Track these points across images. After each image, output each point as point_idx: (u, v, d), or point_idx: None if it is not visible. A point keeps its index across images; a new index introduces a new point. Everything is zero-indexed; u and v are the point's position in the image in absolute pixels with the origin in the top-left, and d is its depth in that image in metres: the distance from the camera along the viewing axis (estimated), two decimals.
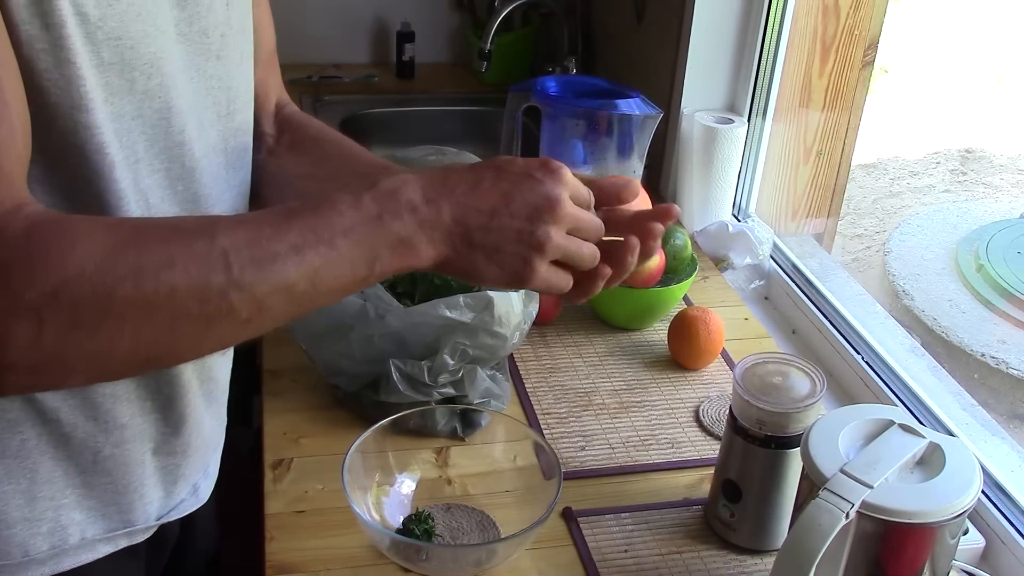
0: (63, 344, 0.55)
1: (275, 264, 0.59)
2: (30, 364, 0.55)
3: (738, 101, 1.63)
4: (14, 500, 0.73)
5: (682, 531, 1.01)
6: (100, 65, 0.63)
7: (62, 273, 0.54)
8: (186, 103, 0.72)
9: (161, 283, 0.56)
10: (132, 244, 0.57)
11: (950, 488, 0.77)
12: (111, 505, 0.79)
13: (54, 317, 0.54)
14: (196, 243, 0.58)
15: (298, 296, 0.61)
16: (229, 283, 0.57)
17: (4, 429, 0.71)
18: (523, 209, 0.65)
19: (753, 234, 1.51)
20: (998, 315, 2.68)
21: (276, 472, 1.05)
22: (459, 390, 1.11)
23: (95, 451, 0.76)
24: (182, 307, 0.57)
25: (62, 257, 0.54)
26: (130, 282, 0.55)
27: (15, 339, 0.54)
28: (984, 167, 4.28)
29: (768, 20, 1.54)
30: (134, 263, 0.56)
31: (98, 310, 0.55)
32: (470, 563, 0.94)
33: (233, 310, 0.58)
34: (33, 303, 0.53)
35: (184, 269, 0.56)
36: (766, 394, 0.93)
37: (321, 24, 2.31)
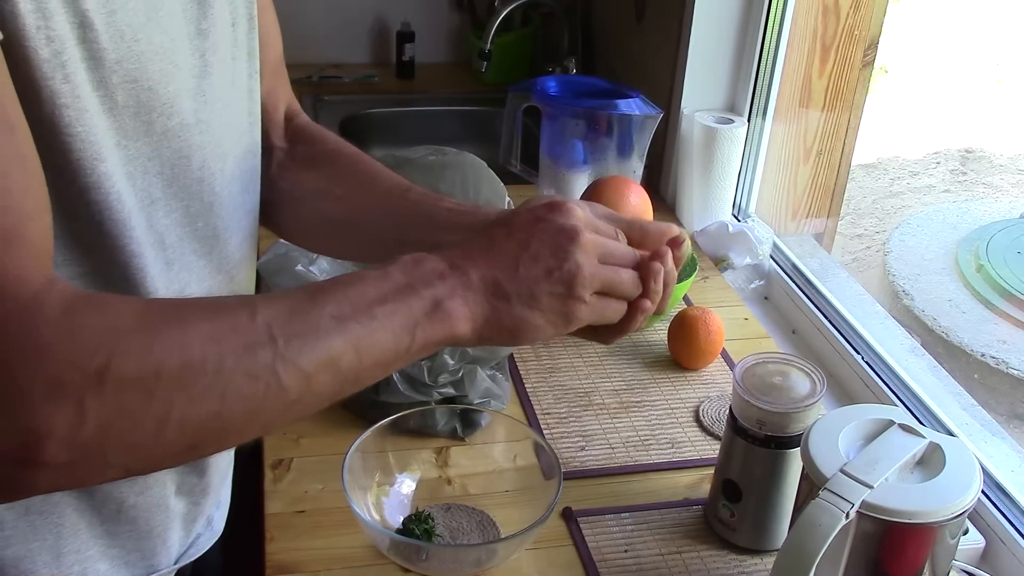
0: (106, 434, 0.50)
1: (319, 336, 0.57)
2: (67, 460, 0.50)
3: (738, 101, 1.63)
4: (41, 557, 0.71)
5: (682, 531, 1.01)
6: (113, 109, 0.61)
7: (107, 351, 0.50)
8: (207, 139, 0.70)
9: (208, 358, 0.53)
10: (174, 320, 0.54)
11: (950, 488, 0.77)
12: (134, 552, 0.78)
13: (98, 403, 0.49)
14: (238, 318, 0.55)
15: (344, 370, 0.58)
16: (276, 357, 0.55)
17: None
18: (544, 248, 0.64)
19: (753, 234, 1.51)
20: (998, 315, 2.68)
21: (276, 472, 1.05)
22: (459, 390, 1.11)
23: (119, 501, 0.74)
24: (231, 385, 0.53)
25: (106, 334, 0.51)
26: (176, 358, 0.52)
27: (55, 430, 0.49)
28: (984, 167, 4.28)
29: (768, 20, 1.54)
30: (178, 339, 0.52)
31: (144, 392, 0.51)
32: (470, 563, 0.94)
33: (282, 387, 0.55)
34: (76, 388, 0.49)
35: (230, 344, 0.54)
36: (766, 394, 0.93)
37: (321, 24, 2.31)
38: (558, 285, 0.64)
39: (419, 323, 0.61)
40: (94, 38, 0.58)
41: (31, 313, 0.50)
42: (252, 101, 0.79)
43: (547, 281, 0.64)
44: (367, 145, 2.14)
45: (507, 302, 0.64)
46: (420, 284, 0.61)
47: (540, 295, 0.64)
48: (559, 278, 0.64)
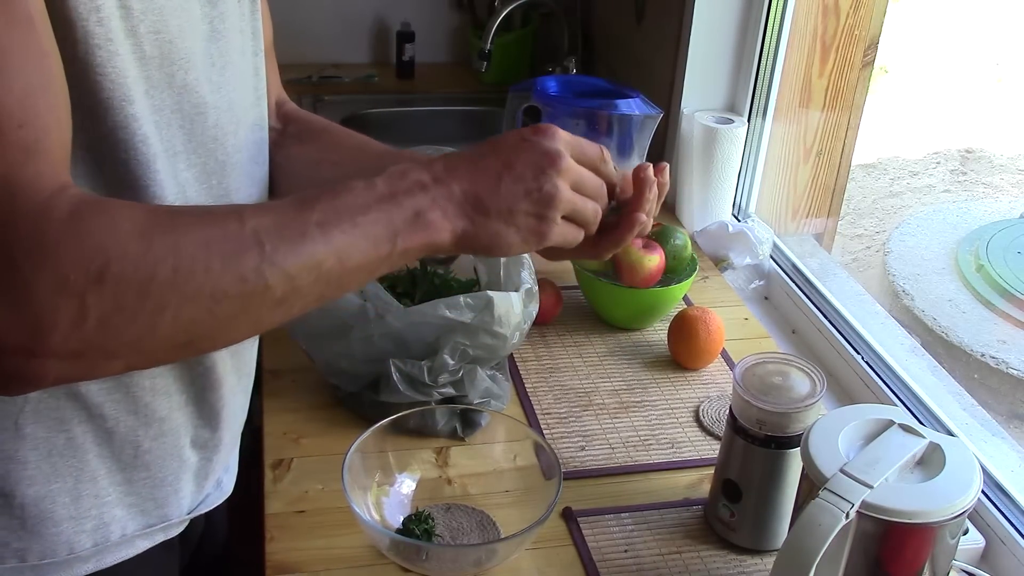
0: (105, 328, 0.55)
1: (304, 242, 0.61)
2: (72, 350, 0.55)
3: (738, 101, 1.63)
4: (60, 498, 0.74)
5: (682, 531, 1.01)
6: (142, 59, 0.65)
7: (106, 254, 0.55)
8: (219, 99, 0.74)
9: (198, 262, 0.58)
10: (169, 226, 0.58)
11: (950, 488, 0.77)
12: (149, 500, 0.80)
13: (98, 300, 0.55)
14: (228, 224, 0.60)
15: (326, 274, 0.63)
16: (263, 260, 0.59)
17: (51, 428, 0.71)
18: (527, 169, 0.68)
19: (753, 234, 1.51)
20: (998, 315, 2.68)
21: (276, 472, 1.05)
22: (459, 390, 1.11)
23: (136, 445, 0.76)
24: (220, 286, 0.58)
25: (106, 238, 0.55)
26: (170, 262, 0.57)
27: (60, 323, 0.54)
28: (984, 167, 4.28)
29: (768, 20, 1.54)
30: (172, 244, 0.57)
31: (140, 292, 0.56)
32: (470, 563, 0.94)
33: (268, 288, 0.60)
34: (79, 285, 0.54)
35: (220, 249, 0.58)
36: (766, 394, 0.93)
37: (321, 24, 2.31)
38: (536, 206, 0.68)
39: (399, 232, 0.65)
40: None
41: (42, 216, 0.55)
42: (257, 78, 0.82)
43: (526, 201, 0.68)
44: None
45: (485, 217, 0.68)
46: (403, 195, 0.65)
47: (517, 213, 0.68)
48: (537, 199, 0.68)
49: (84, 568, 0.77)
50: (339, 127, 0.95)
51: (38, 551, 0.74)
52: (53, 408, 0.71)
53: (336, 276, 0.63)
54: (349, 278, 0.65)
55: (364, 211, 0.64)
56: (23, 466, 0.71)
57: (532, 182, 0.68)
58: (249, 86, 0.81)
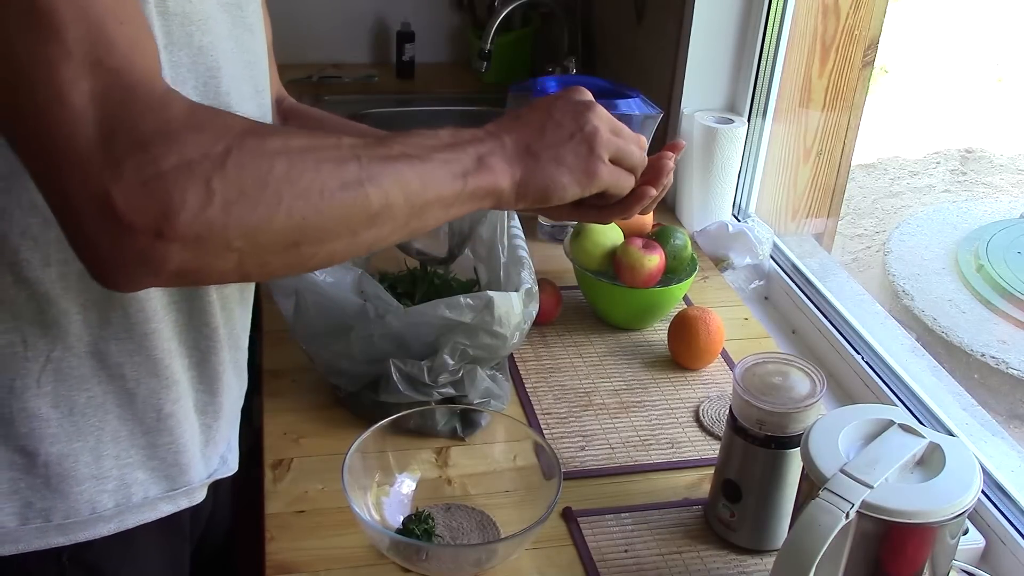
0: (228, 213, 0.58)
1: (393, 163, 0.66)
2: (196, 234, 0.57)
3: (738, 101, 1.63)
4: (83, 457, 0.75)
5: (682, 531, 1.01)
6: (165, 13, 0.67)
7: (228, 143, 0.58)
8: (231, 67, 0.75)
9: (307, 164, 0.62)
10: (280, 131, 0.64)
11: (950, 488, 0.77)
12: (174, 466, 0.82)
13: (222, 185, 0.57)
14: (328, 139, 0.65)
15: (412, 197, 0.67)
16: (362, 171, 0.64)
17: (72, 386, 0.73)
18: (566, 116, 0.76)
19: (753, 234, 1.51)
20: (998, 315, 2.68)
21: (276, 472, 1.05)
22: (459, 390, 1.11)
23: (158, 408, 0.78)
24: (327, 190, 0.62)
25: (225, 131, 0.59)
26: (283, 158, 0.61)
27: (188, 203, 0.56)
28: (984, 167, 4.28)
29: (768, 20, 1.54)
30: (283, 144, 0.62)
31: (258, 181, 0.59)
32: (470, 563, 0.94)
33: (367, 199, 0.64)
34: (205, 170, 0.57)
35: (325, 156, 0.63)
36: (766, 394, 0.93)
37: (321, 24, 2.31)
38: (581, 144, 0.76)
39: (469, 172, 0.71)
40: None
41: (164, 107, 0.58)
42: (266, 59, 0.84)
43: (571, 142, 0.75)
44: None
45: (537, 160, 0.74)
46: (465, 143, 0.72)
47: (565, 154, 0.75)
48: (581, 138, 0.76)
49: (107, 528, 0.78)
50: (337, 117, 0.99)
51: (62, 510, 0.75)
52: (74, 367, 0.73)
53: (420, 202, 0.68)
54: (430, 209, 0.69)
55: (437, 150, 0.69)
56: (46, 423, 0.73)
57: (573, 124, 0.76)
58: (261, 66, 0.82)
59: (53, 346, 0.71)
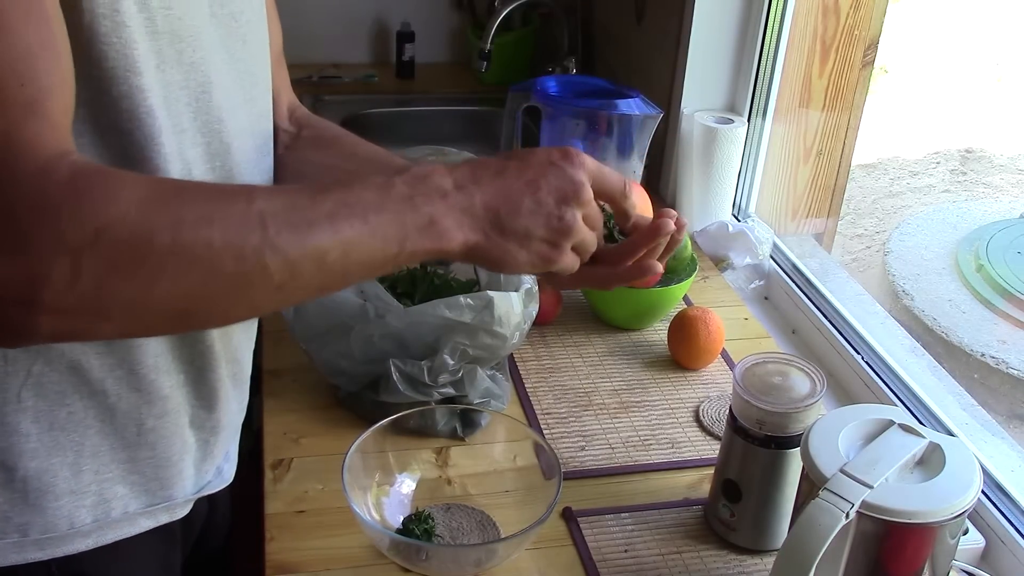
0: (99, 287, 0.56)
1: (310, 230, 0.60)
2: (66, 306, 0.56)
3: (738, 101, 1.63)
4: (62, 472, 0.74)
5: (682, 531, 1.01)
6: (154, 32, 0.66)
7: (105, 216, 0.55)
8: (222, 79, 0.74)
9: (199, 236, 0.57)
10: (174, 197, 0.59)
11: (950, 488, 0.77)
12: (153, 480, 0.81)
13: (93, 258, 0.55)
14: (235, 203, 0.59)
15: (329, 265, 0.62)
16: (265, 243, 0.59)
17: (52, 401, 0.72)
18: (551, 195, 0.67)
19: (753, 234, 1.51)
20: (998, 315, 2.68)
21: (276, 472, 1.05)
22: (459, 390, 1.11)
23: (139, 423, 0.77)
24: (218, 262, 0.58)
25: (105, 201, 0.56)
26: (169, 231, 0.57)
27: (53, 279, 0.55)
28: (984, 167, 4.28)
29: (768, 20, 1.54)
30: (175, 214, 0.57)
31: (136, 255, 0.56)
32: (470, 563, 0.94)
33: (267, 272, 0.59)
34: (75, 244, 0.55)
35: (222, 225, 0.58)
36: (766, 394, 0.93)
37: (321, 24, 2.31)
38: (552, 234, 0.68)
39: (410, 235, 0.64)
40: None
41: (43, 176, 0.55)
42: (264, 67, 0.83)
43: (544, 228, 0.68)
44: None
45: (500, 235, 0.67)
46: (421, 199, 0.64)
47: (533, 237, 0.68)
48: (556, 228, 0.68)
49: (84, 543, 0.77)
50: (353, 136, 0.95)
51: (39, 525, 0.75)
52: (55, 382, 0.72)
53: (339, 269, 0.63)
54: (352, 272, 0.64)
55: (378, 209, 0.63)
56: (25, 439, 0.72)
57: (554, 209, 0.67)
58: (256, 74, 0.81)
59: (34, 360, 0.71)
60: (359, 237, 0.62)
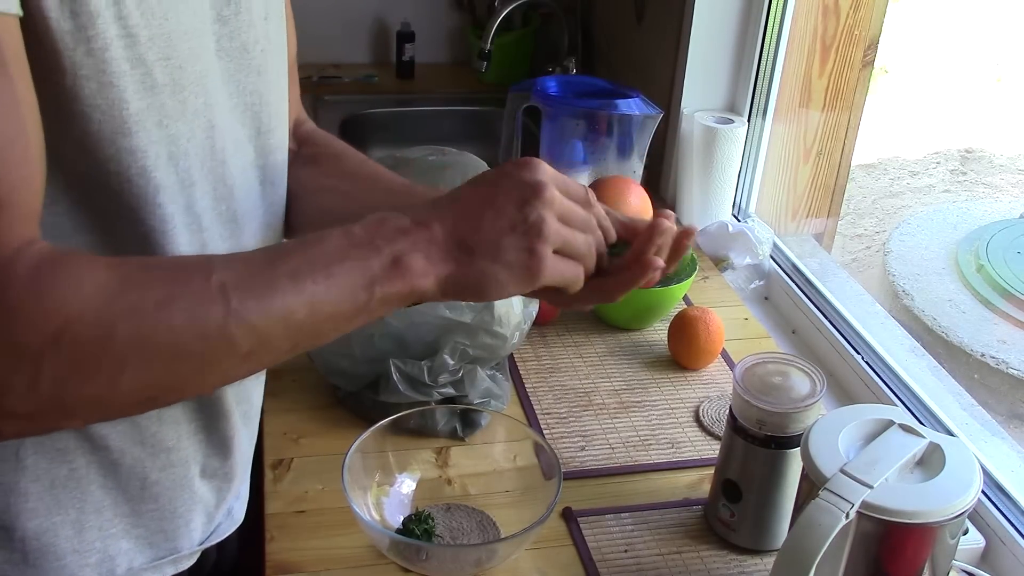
0: (62, 390, 0.54)
1: (273, 294, 0.58)
2: (28, 411, 0.54)
3: (738, 101, 1.63)
4: (63, 531, 0.72)
5: (682, 531, 1.01)
6: (153, 88, 0.62)
7: (64, 315, 0.53)
8: (224, 120, 0.72)
9: (160, 321, 0.55)
10: (132, 284, 0.56)
11: (950, 488, 0.77)
12: (158, 533, 0.78)
13: (53, 363, 0.53)
14: (193, 279, 0.57)
15: (297, 325, 0.60)
16: (228, 316, 0.57)
17: (53, 460, 0.70)
18: (509, 202, 0.64)
19: (753, 234, 1.51)
20: (998, 315, 2.68)
21: (276, 472, 1.05)
22: (459, 390, 1.11)
23: (143, 477, 0.75)
24: (182, 345, 0.56)
25: (64, 298, 0.53)
26: (129, 322, 0.55)
27: (13, 386, 0.53)
28: (984, 167, 4.28)
29: (768, 20, 1.54)
30: (134, 302, 0.55)
31: (97, 354, 0.54)
32: (470, 563, 0.94)
33: (233, 344, 0.58)
34: (34, 349, 0.53)
35: (182, 305, 0.56)
36: (766, 394, 0.93)
37: (321, 24, 2.31)
38: (521, 237, 0.63)
39: (377, 280, 0.61)
40: (127, 15, 0.59)
41: (3, 275, 0.53)
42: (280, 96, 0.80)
43: (511, 235, 0.63)
44: (367, 145, 2.14)
45: (470, 256, 0.63)
46: (381, 240, 0.62)
47: (505, 248, 0.63)
48: (523, 231, 0.63)
49: None
50: (355, 153, 0.91)
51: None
52: (56, 439, 0.70)
53: (309, 327, 0.60)
54: (323, 329, 0.62)
55: (340, 259, 0.61)
56: (24, 498, 0.70)
57: (516, 213, 0.63)
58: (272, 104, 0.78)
59: None
60: (324, 291, 0.60)
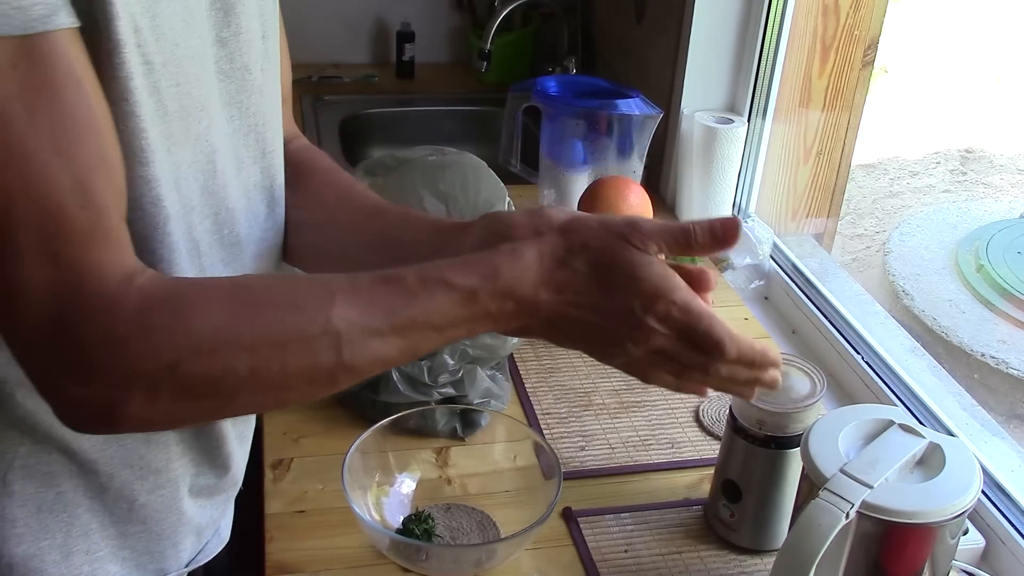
0: (175, 409, 0.58)
1: (382, 344, 0.60)
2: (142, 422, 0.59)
3: (738, 101, 1.63)
4: (50, 556, 0.72)
5: (682, 531, 1.01)
6: (165, 115, 0.62)
7: (177, 352, 0.56)
8: (226, 143, 0.71)
9: (273, 365, 0.58)
10: (247, 320, 0.58)
11: (950, 488, 0.77)
12: (145, 554, 0.78)
13: (169, 389, 0.56)
14: (311, 325, 0.58)
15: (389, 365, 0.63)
16: (338, 365, 0.59)
17: (40, 484, 0.70)
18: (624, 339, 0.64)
19: (753, 234, 1.51)
20: (998, 315, 2.68)
21: (276, 472, 1.05)
22: (459, 390, 1.11)
23: (131, 500, 0.75)
24: (290, 383, 0.59)
25: (177, 336, 0.56)
26: (242, 361, 0.57)
27: (132, 404, 0.56)
28: (984, 167, 4.28)
29: (768, 20, 1.54)
30: (248, 343, 0.57)
31: (211, 386, 0.57)
32: (470, 563, 0.94)
33: (336, 384, 0.61)
34: (150, 376, 0.55)
35: (296, 351, 0.58)
36: (766, 394, 0.93)
37: (321, 24, 2.31)
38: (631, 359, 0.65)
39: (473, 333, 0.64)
40: (145, 42, 0.59)
41: (110, 309, 0.55)
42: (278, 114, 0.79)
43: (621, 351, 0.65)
44: (367, 145, 2.14)
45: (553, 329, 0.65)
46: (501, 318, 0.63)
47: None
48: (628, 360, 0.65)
49: None
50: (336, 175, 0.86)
51: None
52: (44, 463, 0.70)
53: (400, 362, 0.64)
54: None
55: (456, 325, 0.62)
56: (11, 524, 0.70)
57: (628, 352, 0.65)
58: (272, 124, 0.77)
59: (20, 443, 0.68)
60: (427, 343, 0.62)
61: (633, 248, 0.63)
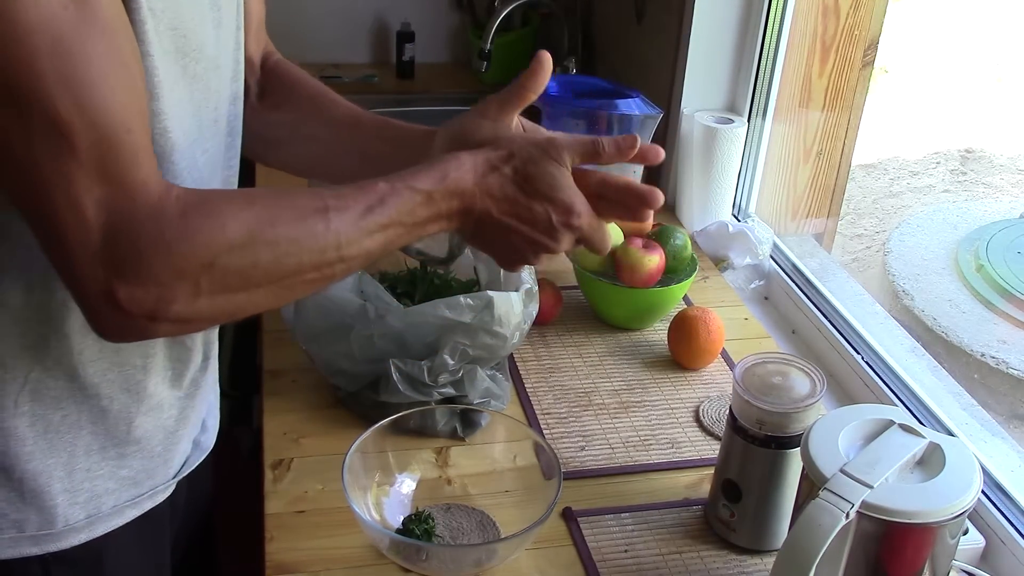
0: (213, 303, 0.66)
1: (370, 240, 0.72)
2: (184, 318, 0.66)
3: (738, 101, 1.63)
4: (56, 473, 0.78)
5: (682, 531, 1.01)
6: (164, 54, 0.69)
7: (216, 248, 0.65)
8: (218, 83, 0.78)
9: (291, 256, 0.68)
10: (268, 223, 0.68)
11: (950, 488, 0.77)
12: (141, 472, 0.84)
13: (209, 283, 0.65)
14: (316, 226, 0.69)
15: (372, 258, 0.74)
16: (339, 258, 0.71)
17: (48, 406, 0.76)
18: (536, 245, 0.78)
19: (753, 234, 1.51)
20: (998, 315, 2.68)
21: (276, 472, 1.05)
22: (459, 390, 1.11)
23: (129, 422, 0.81)
24: (305, 275, 0.70)
25: (215, 235, 0.65)
26: (269, 255, 0.67)
27: (178, 299, 0.64)
28: (984, 167, 4.28)
29: (768, 20, 1.54)
30: (271, 239, 0.67)
31: (244, 278, 0.67)
32: (470, 563, 0.94)
33: (335, 276, 0.72)
34: (194, 271, 0.64)
35: (308, 246, 0.69)
36: (766, 394, 0.93)
37: (321, 24, 2.31)
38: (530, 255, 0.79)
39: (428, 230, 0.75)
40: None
41: (159, 217, 0.64)
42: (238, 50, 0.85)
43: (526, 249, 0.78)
44: None
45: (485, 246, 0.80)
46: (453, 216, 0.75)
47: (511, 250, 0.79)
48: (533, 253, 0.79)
49: (77, 538, 0.81)
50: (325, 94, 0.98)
51: (35, 522, 0.78)
52: (51, 388, 0.76)
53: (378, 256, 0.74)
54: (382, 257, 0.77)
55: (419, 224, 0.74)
56: (21, 442, 0.76)
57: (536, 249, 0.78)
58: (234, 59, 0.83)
59: (31, 368, 0.74)
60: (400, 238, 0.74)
61: (552, 160, 0.76)
